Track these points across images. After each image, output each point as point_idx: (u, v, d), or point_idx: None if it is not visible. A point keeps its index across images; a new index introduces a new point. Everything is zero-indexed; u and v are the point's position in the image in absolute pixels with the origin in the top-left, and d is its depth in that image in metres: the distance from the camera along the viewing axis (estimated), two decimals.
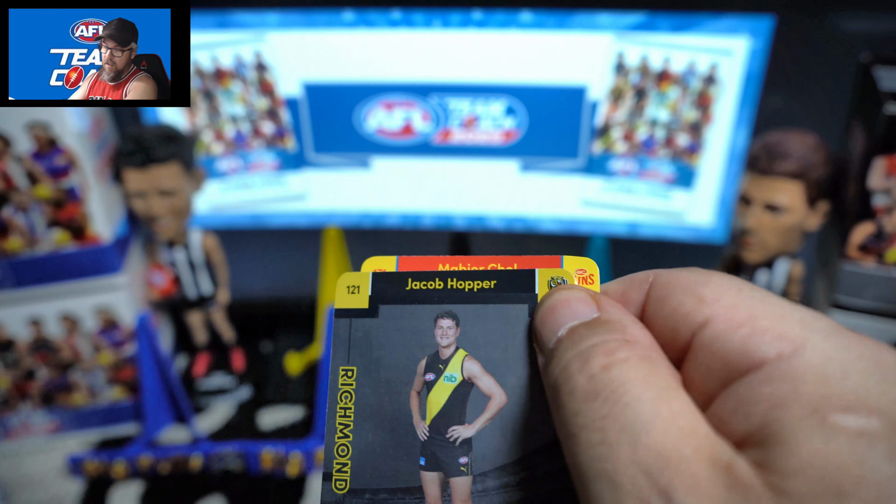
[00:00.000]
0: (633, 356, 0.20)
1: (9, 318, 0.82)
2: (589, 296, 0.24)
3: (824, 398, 0.17)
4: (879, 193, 0.71)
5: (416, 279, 0.27)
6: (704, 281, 0.22)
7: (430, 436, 0.26)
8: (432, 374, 0.26)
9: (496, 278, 0.26)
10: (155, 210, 0.80)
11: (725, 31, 0.75)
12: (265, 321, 1.04)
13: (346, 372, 0.27)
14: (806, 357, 0.18)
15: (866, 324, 0.77)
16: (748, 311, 0.20)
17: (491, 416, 0.26)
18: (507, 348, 0.26)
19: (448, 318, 0.26)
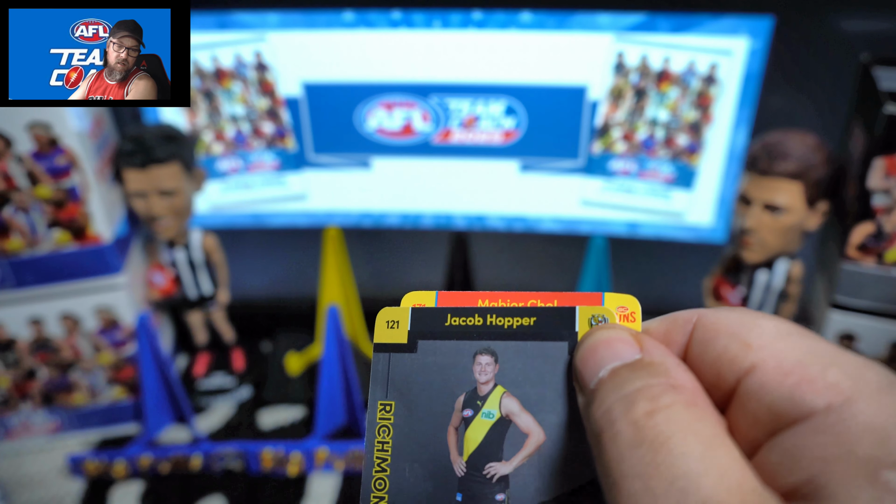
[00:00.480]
0: (678, 402, 0.20)
1: (9, 317, 0.82)
2: (631, 336, 0.23)
3: (875, 455, 0.17)
4: (879, 193, 0.71)
5: (455, 315, 0.27)
6: (751, 324, 0.21)
7: (468, 472, 0.26)
8: (470, 410, 0.26)
9: (536, 315, 0.26)
10: (155, 210, 0.80)
11: (725, 31, 0.75)
12: (265, 321, 1.04)
13: (384, 406, 0.27)
14: (856, 410, 0.18)
15: (866, 323, 0.77)
16: (796, 359, 0.20)
17: (529, 453, 0.25)
18: (545, 386, 0.26)
19: (487, 355, 0.26)
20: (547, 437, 0.25)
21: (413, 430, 0.27)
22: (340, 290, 0.94)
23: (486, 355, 0.26)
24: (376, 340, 0.27)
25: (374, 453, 0.27)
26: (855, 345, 0.78)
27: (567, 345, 0.25)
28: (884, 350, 0.78)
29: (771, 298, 0.81)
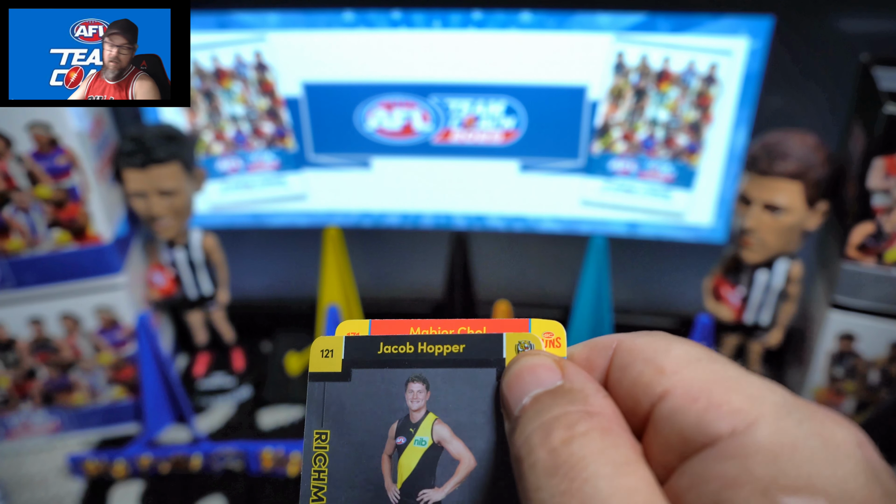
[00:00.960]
0: (594, 428, 0.21)
1: (9, 317, 0.82)
2: (554, 362, 0.24)
3: (773, 479, 0.18)
4: (879, 193, 0.71)
5: (387, 343, 0.27)
6: (665, 349, 0.22)
7: (402, 499, 0.26)
8: (403, 437, 0.27)
9: (465, 343, 0.27)
10: (155, 210, 0.81)
11: (725, 31, 0.75)
12: (265, 321, 1.04)
13: (319, 435, 0.27)
14: (758, 434, 0.19)
15: (866, 323, 0.77)
16: (704, 384, 0.20)
17: (460, 479, 0.26)
18: (475, 412, 0.26)
19: (418, 382, 0.27)
20: (477, 463, 0.26)
21: (348, 458, 0.27)
22: (340, 290, 0.94)
23: (417, 383, 0.27)
24: (311, 370, 0.27)
25: (311, 482, 0.27)
26: (855, 345, 0.78)
27: (495, 371, 0.26)
28: (884, 350, 0.78)
29: (771, 298, 0.81)
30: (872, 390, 0.81)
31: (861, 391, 0.81)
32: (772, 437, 0.18)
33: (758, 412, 0.19)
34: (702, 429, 0.19)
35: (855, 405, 0.83)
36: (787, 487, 0.18)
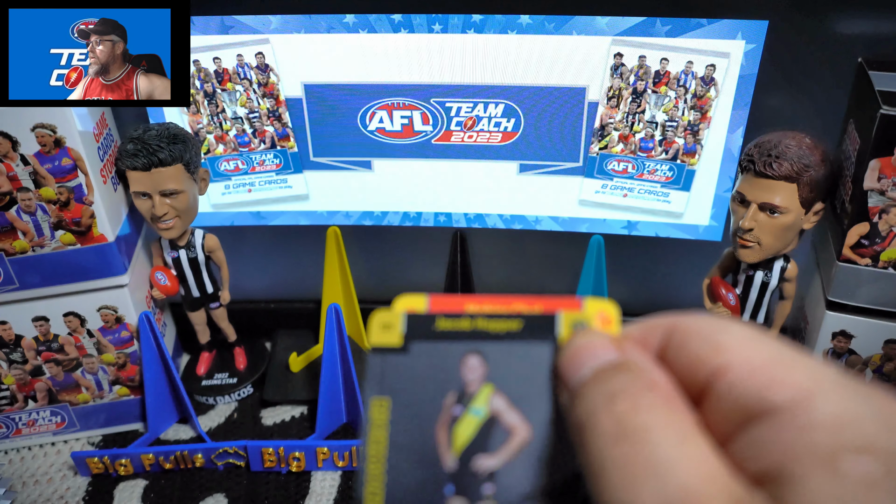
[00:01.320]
0: (656, 399, 0.22)
1: (15, 316, 0.83)
2: (611, 341, 0.25)
3: (832, 443, 0.19)
4: (874, 194, 0.71)
5: (445, 319, 0.28)
6: (722, 329, 0.23)
7: (458, 466, 0.27)
8: (460, 407, 0.28)
9: (522, 320, 0.28)
10: (159, 210, 0.81)
11: (722, 34, 0.76)
12: (267, 320, 1.05)
13: (379, 403, 0.28)
14: (816, 405, 0.20)
15: (861, 322, 0.77)
16: (763, 360, 0.22)
17: (515, 449, 0.27)
18: (530, 385, 0.27)
19: (476, 357, 0.28)
20: (532, 433, 0.27)
21: (406, 426, 0.28)
22: (342, 289, 0.95)
23: (474, 357, 0.28)
24: (372, 342, 0.29)
25: (370, 447, 0.28)
26: (850, 343, 0.79)
27: (550, 347, 0.27)
28: (879, 348, 0.78)
29: (767, 298, 0.82)
30: None
31: None
32: (831, 408, 0.20)
33: (816, 386, 0.20)
34: (762, 400, 0.21)
35: None
36: (845, 451, 0.19)
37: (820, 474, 0.19)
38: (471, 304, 0.29)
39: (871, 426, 0.19)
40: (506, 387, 0.28)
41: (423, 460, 0.28)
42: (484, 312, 0.28)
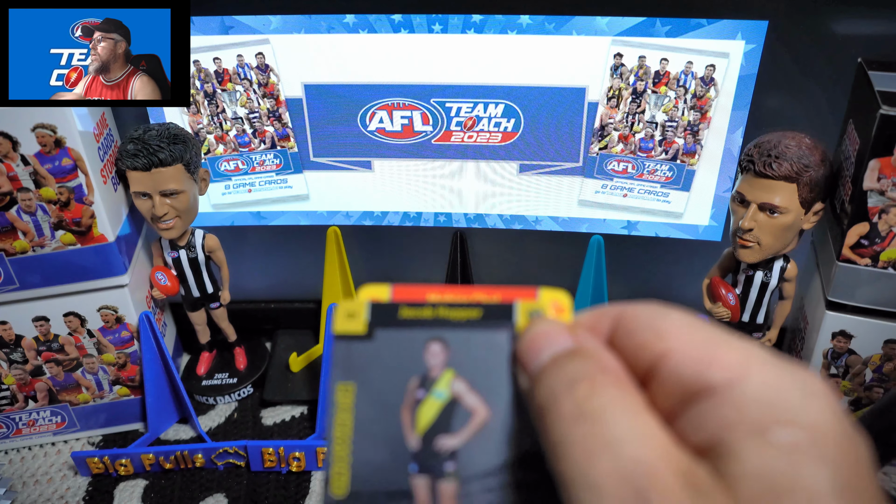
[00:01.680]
0: (609, 382, 0.24)
1: (15, 316, 0.83)
2: (566, 328, 0.28)
3: (762, 417, 0.22)
4: (874, 194, 0.71)
5: (409, 308, 0.30)
6: (662, 316, 0.26)
7: (421, 446, 0.29)
8: (423, 391, 0.29)
9: (481, 309, 0.30)
10: (159, 210, 0.81)
11: (721, 34, 0.76)
12: (267, 320, 1.05)
13: (344, 388, 0.30)
14: (749, 384, 0.22)
15: (861, 322, 0.77)
16: (700, 345, 0.24)
17: (475, 429, 0.29)
18: (489, 370, 0.29)
19: (438, 343, 0.30)
20: (491, 414, 0.29)
21: (371, 409, 0.29)
22: (342, 289, 0.95)
23: (436, 343, 0.30)
24: (337, 330, 0.30)
25: (335, 430, 0.29)
26: (850, 343, 0.79)
27: (508, 334, 0.29)
28: (879, 348, 0.78)
29: (767, 298, 0.82)
30: (867, 388, 0.81)
31: (856, 389, 0.82)
32: (761, 385, 0.22)
33: (748, 365, 0.23)
34: (701, 381, 0.23)
35: (850, 403, 0.83)
36: (775, 424, 0.21)
37: (752, 444, 0.21)
38: (433, 294, 0.30)
39: (797, 401, 0.22)
40: (466, 371, 0.29)
41: (388, 441, 0.29)
42: (445, 302, 0.30)
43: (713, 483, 0.21)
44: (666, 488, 0.21)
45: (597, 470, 0.22)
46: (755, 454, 0.21)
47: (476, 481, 0.29)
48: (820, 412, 0.22)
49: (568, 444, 0.23)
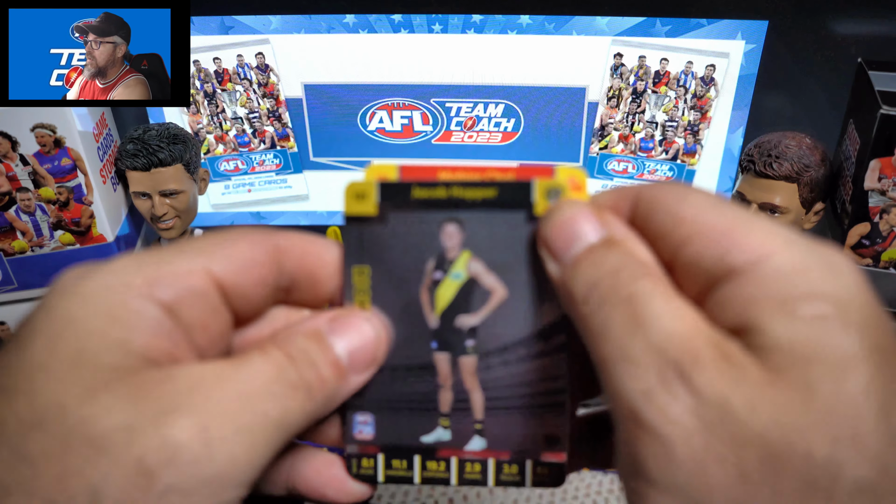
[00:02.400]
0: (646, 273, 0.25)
1: (13, 317, 0.83)
2: (594, 213, 0.27)
3: (787, 293, 0.22)
4: (875, 194, 0.71)
5: (421, 188, 0.29)
6: (680, 200, 0.25)
7: (441, 324, 0.30)
8: (440, 272, 0.30)
9: (497, 188, 0.29)
10: (158, 210, 0.81)
11: (721, 34, 0.76)
12: None
13: (360, 271, 0.30)
14: (773, 263, 0.23)
15: None
16: (722, 227, 0.24)
17: (493, 307, 0.30)
18: (505, 250, 0.29)
19: (453, 224, 0.29)
20: (508, 293, 0.29)
21: (389, 291, 0.30)
22: None
23: (452, 224, 0.29)
24: (347, 212, 0.29)
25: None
26: None
27: (525, 214, 0.29)
28: None
29: None
30: None
31: None
32: (785, 263, 0.23)
33: (771, 246, 0.23)
34: (725, 263, 0.23)
35: None
36: (800, 298, 0.22)
37: (779, 318, 0.22)
38: (444, 173, 0.29)
39: (819, 276, 0.22)
40: (483, 252, 0.29)
41: (407, 320, 0.30)
42: (459, 181, 0.29)
43: (744, 355, 0.22)
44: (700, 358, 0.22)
45: (635, 345, 0.23)
46: (782, 327, 0.22)
47: (495, 355, 0.30)
48: (844, 286, 0.22)
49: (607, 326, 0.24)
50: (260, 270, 0.28)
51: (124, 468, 0.22)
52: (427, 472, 0.31)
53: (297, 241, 0.29)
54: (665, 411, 0.22)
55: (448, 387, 0.30)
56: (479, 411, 0.31)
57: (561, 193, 0.28)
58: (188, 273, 0.26)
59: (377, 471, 0.31)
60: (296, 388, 0.26)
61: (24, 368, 0.23)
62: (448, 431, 0.31)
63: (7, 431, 0.22)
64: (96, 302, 0.24)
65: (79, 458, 0.22)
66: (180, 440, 0.22)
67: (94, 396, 0.22)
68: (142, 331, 0.24)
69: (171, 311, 0.25)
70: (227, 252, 0.27)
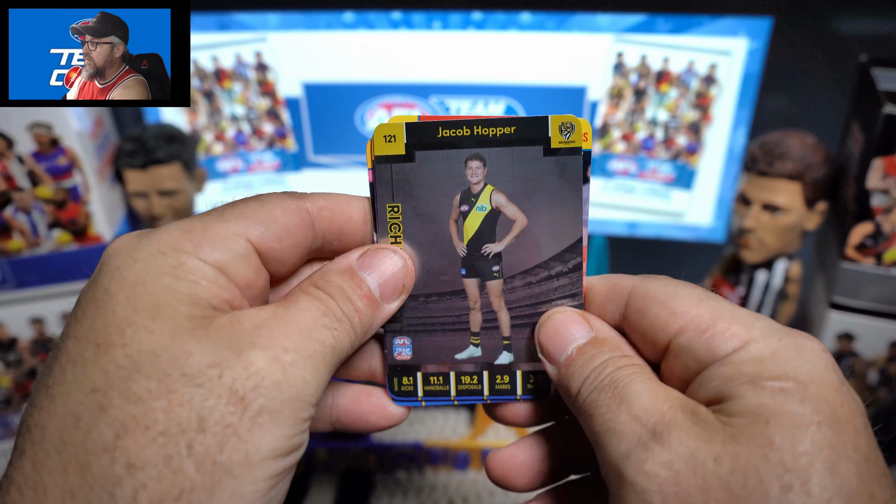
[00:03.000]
0: (628, 362, 0.30)
1: (10, 317, 0.82)
2: (581, 317, 0.32)
3: (759, 372, 0.26)
4: (878, 193, 0.71)
5: (445, 127, 0.32)
6: (673, 294, 0.30)
7: (468, 252, 0.33)
8: (466, 205, 0.33)
9: (515, 125, 0.32)
10: (156, 210, 0.81)
11: (724, 31, 0.75)
12: None
13: (392, 208, 0.33)
14: (750, 349, 0.27)
15: (865, 323, 0.77)
16: (709, 319, 0.28)
17: (515, 234, 0.33)
18: (526, 182, 0.32)
19: (477, 160, 0.32)
20: (529, 221, 0.33)
21: (420, 224, 0.33)
22: None
23: (476, 160, 0.32)
24: (377, 153, 0.33)
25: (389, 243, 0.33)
26: (854, 344, 0.79)
27: (542, 147, 0.32)
28: (883, 349, 0.78)
29: (770, 298, 0.81)
30: (872, 390, 0.81)
31: (860, 391, 0.81)
32: (761, 350, 0.27)
33: (749, 334, 0.27)
34: (711, 351, 0.28)
35: None
36: (769, 377, 0.26)
37: (749, 389, 0.26)
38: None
39: (788, 359, 0.26)
40: (504, 185, 0.32)
41: (438, 251, 0.33)
42: (481, 119, 0.32)
43: (713, 417, 0.26)
44: (673, 421, 0.26)
45: (619, 418, 0.27)
46: (750, 395, 0.26)
47: (518, 278, 0.33)
48: (808, 368, 0.26)
49: (596, 407, 0.28)
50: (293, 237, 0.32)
51: (220, 396, 0.25)
52: (461, 385, 0.34)
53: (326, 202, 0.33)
54: (642, 467, 0.26)
55: (477, 308, 0.34)
56: (505, 329, 0.34)
57: (574, 128, 0.32)
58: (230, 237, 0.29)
59: (416, 387, 0.34)
60: (340, 320, 0.29)
61: (113, 324, 0.26)
62: (479, 349, 0.34)
63: (112, 379, 0.25)
64: (158, 263, 0.27)
65: (180, 392, 0.25)
66: (262, 368, 0.26)
67: (180, 341, 0.26)
68: (203, 285, 0.28)
69: (220, 269, 0.29)
70: (262, 218, 0.31)
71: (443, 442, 0.78)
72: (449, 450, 0.78)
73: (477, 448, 0.77)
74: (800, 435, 0.24)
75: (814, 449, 0.24)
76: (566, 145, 0.32)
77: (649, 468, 0.25)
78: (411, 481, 0.80)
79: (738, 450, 0.25)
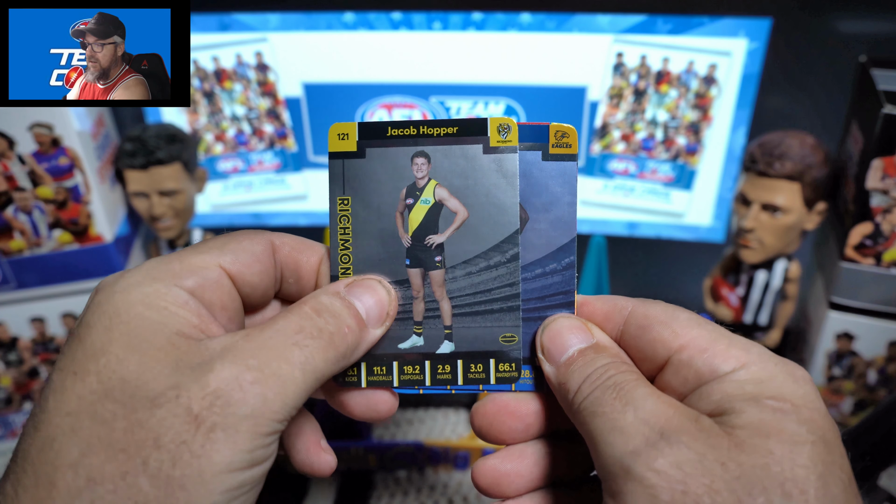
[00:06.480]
0: (629, 369, 0.32)
1: (11, 317, 0.82)
2: (582, 324, 0.34)
3: (760, 392, 0.29)
4: (877, 194, 0.71)
5: (394, 127, 0.35)
6: (673, 316, 0.32)
7: (413, 243, 0.35)
8: (412, 198, 0.35)
9: (457, 125, 0.35)
10: (156, 210, 0.81)
11: (724, 32, 0.75)
12: None
13: (342, 200, 0.35)
14: (749, 370, 0.30)
15: (864, 323, 0.77)
16: (708, 340, 0.31)
17: (457, 226, 0.35)
18: (467, 177, 0.35)
19: (422, 157, 0.35)
20: (469, 214, 0.35)
21: (368, 216, 0.35)
22: None
23: (420, 157, 0.35)
24: (331, 150, 0.35)
25: (338, 236, 0.35)
26: (853, 344, 0.79)
27: (481, 146, 0.35)
28: (882, 349, 0.78)
29: (769, 298, 0.81)
30: (871, 390, 0.81)
31: (860, 391, 0.81)
32: (758, 372, 0.30)
33: (748, 357, 0.30)
34: (710, 368, 0.30)
35: (853, 405, 0.83)
36: (767, 396, 0.29)
37: (750, 406, 0.28)
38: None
39: (783, 383, 0.29)
40: (447, 179, 0.35)
41: (385, 241, 0.35)
42: (426, 120, 0.35)
43: (718, 428, 0.28)
44: (681, 427, 0.28)
45: (625, 419, 0.29)
46: (752, 411, 0.28)
47: (459, 268, 0.35)
48: (801, 392, 0.29)
49: (599, 405, 0.30)
50: (261, 262, 0.34)
51: (177, 416, 0.27)
52: (404, 375, 0.36)
53: (289, 240, 0.36)
54: (652, 464, 0.27)
55: (420, 298, 0.36)
56: (447, 318, 0.36)
57: (511, 130, 0.34)
58: (203, 266, 0.32)
59: (360, 378, 0.35)
60: (316, 337, 0.31)
61: (89, 354, 0.29)
62: (421, 338, 0.36)
63: (84, 403, 0.28)
64: (134, 294, 0.30)
65: (141, 414, 0.27)
66: (217, 389, 0.28)
67: (147, 368, 0.28)
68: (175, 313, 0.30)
69: (194, 294, 0.31)
70: (232, 247, 0.34)
71: (443, 442, 0.78)
72: (449, 450, 0.78)
73: (477, 448, 0.77)
74: (797, 451, 0.27)
75: (810, 464, 0.26)
76: (504, 144, 0.34)
77: (659, 466, 0.27)
78: (411, 481, 0.80)
79: (742, 458, 0.27)
